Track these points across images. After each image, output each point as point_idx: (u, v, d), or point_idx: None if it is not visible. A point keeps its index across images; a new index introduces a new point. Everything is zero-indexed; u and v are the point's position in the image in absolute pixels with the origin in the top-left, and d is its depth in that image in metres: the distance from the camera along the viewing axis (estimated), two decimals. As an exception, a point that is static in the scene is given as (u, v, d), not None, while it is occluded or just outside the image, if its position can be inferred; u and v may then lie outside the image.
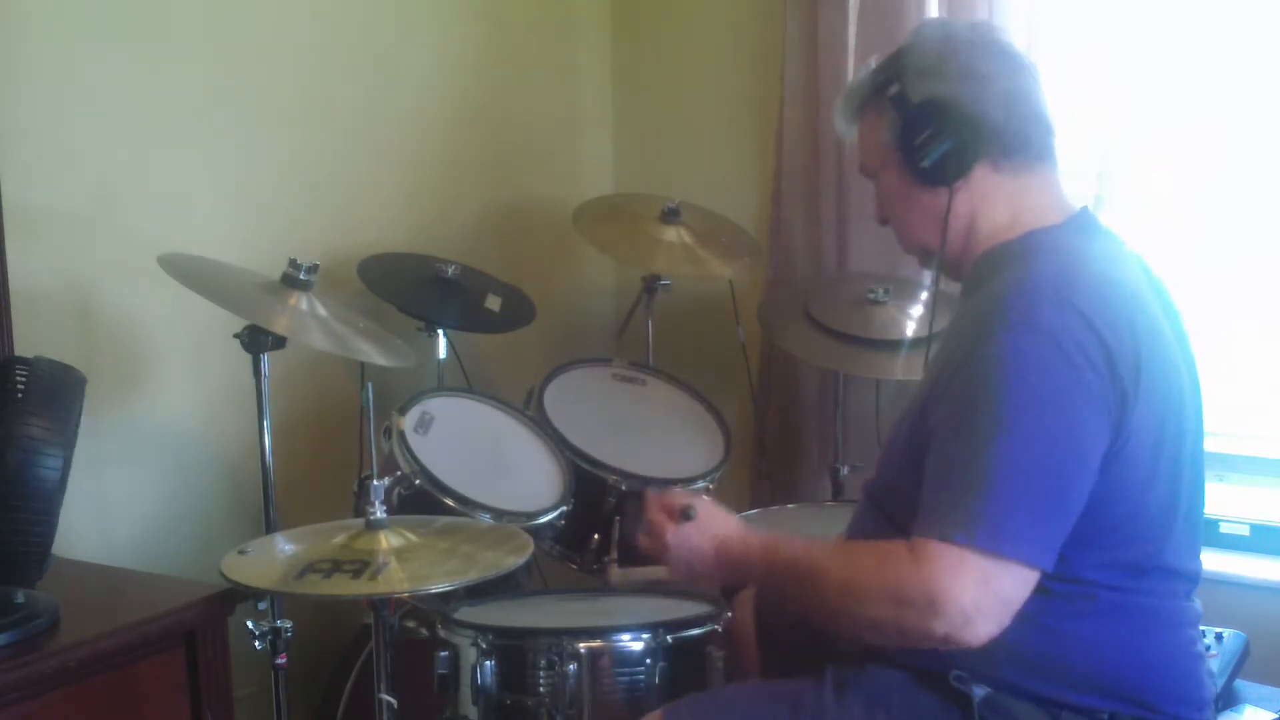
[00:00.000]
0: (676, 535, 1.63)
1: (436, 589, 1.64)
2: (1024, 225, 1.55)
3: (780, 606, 1.66)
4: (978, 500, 1.38)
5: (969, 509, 1.39)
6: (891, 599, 1.42)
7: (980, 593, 1.37)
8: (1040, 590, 1.43)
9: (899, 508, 1.51)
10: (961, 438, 1.42)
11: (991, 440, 1.39)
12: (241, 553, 1.74)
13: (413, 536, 1.74)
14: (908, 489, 1.48)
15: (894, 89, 1.59)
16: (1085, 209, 1.60)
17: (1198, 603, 1.56)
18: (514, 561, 1.70)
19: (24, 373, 1.66)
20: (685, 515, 1.63)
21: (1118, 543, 1.46)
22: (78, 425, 1.77)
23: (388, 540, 1.70)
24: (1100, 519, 1.43)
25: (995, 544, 1.37)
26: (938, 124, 1.55)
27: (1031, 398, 1.38)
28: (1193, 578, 1.55)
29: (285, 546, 1.79)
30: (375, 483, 1.74)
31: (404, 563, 1.66)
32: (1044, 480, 1.39)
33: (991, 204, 1.58)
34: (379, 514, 1.72)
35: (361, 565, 1.64)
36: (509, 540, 1.80)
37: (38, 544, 1.68)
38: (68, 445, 1.72)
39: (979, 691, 1.46)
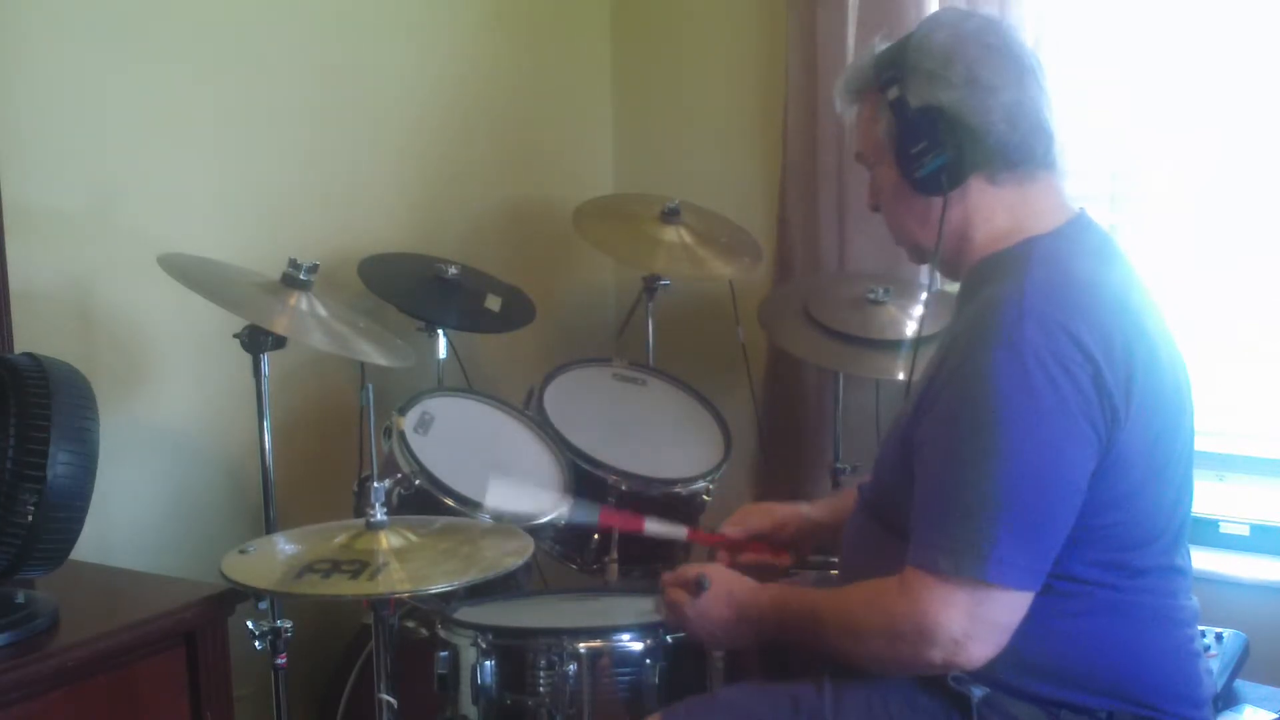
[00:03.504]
0: (695, 608, 1.65)
1: (436, 589, 1.64)
2: (1021, 233, 1.54)
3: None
4: (964, 528, 1.40)
5: (955, 537, 1.40)
6: (885, 635, 1.46)
7: (970, 620, 1.40)
8: (1040, 589, 1.43)
9: (894, 512, 1.51)
10: (948, 462, 1.43)
11: (977, 466, 1.40)
12: (242, 552, 1.74)
13: (412, 537, 1.74)
14: (902, 493, 1.49)
15: (894, 91, 1.54)
16: (1083, 211, 1.59)
17: (1195, 601, 1.56)
18: (514, 562, 1.70)
19: (36, 373, 1.66)
20: (699, 586, 1.65)
21: (1112, 545, 1.46)
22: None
23: (387, 540, 1.70)
24: (1094, 524, 1.44)
25: (982, 572, 1.39)
26: (935, 134, 1.51)
27: (1017, 422, 1.38)
28: (1187, 575, 1.55)
29: (285, 546, 1.79)
30: (375, 485, 1.74)
31: (404, 563, 1.66)
32: (1030, 505, 1.39)
33: (986, 214, 1.56)
34: (379, 516, 1.72)
35: (361, 565, 1.64)
36: (509, 540, 1.80)
37: (68, 544, 1.69)
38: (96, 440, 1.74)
39: (977, 692, 1.47)
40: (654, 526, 1.93)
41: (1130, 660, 1.48)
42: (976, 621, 1.40)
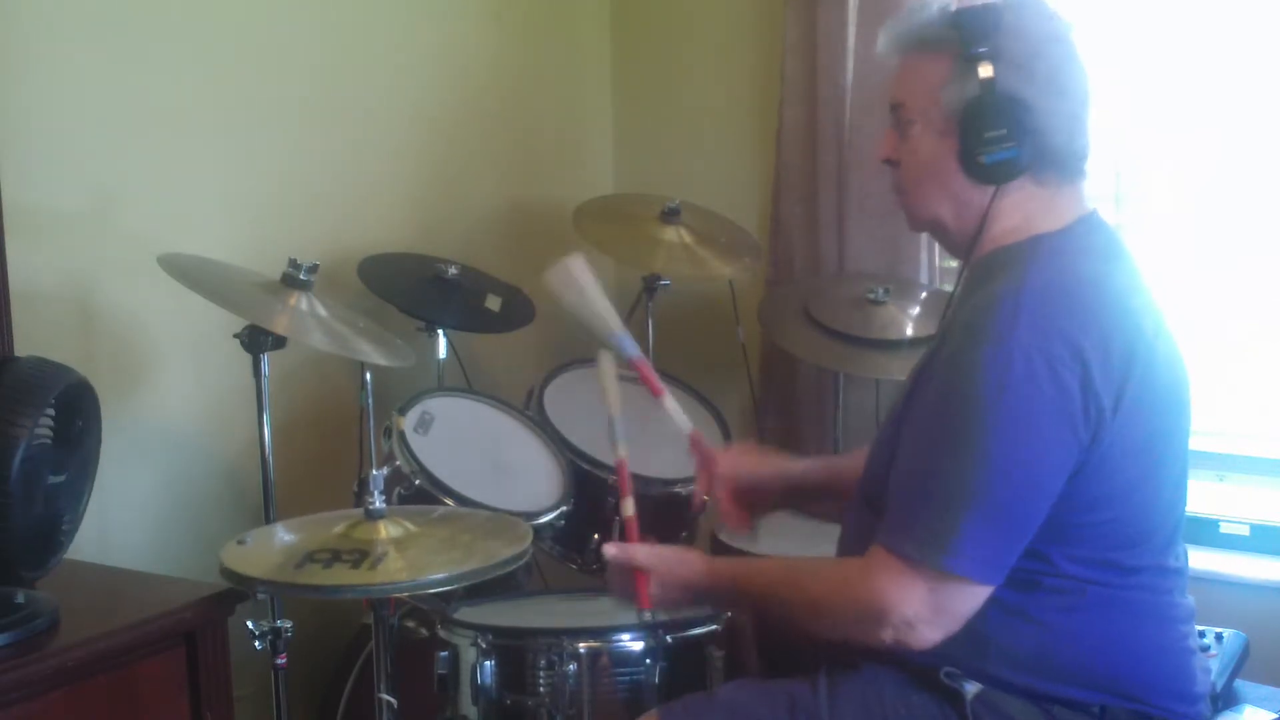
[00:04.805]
0: (651, 555, 1.62)
1: (435, 578, 1.63)
2: (1031, 229, 1.54)
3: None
4: (934, 518, 1.41)
5: (922, 524, 1.42)
6: (842, 614, 1.48)
7: (923, 605, 1.42)
8: (1030, 585, 1.45)
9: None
10: (925, 449, 1.45)
11: (952, 457, 1.41)
12: (240, 543, 1.74)
13: (411, 526, 1.74)
14: None
15: (987, 68, 1.48)
16: (1094, 212, 1.58)
17: (1190, 599, 1.56)
18: (513, 551, 1.69)
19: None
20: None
21: (1103, 543, 1.46)
22: (65, 423, 1.77)
23: (386, 530, 1.70)
24: (1083, 521, 1.44)
25: (945, 563, 1.40)
26: (1012, 126, 1.48)
27: (996, 419, 1.39)
28: (1182, 574, 1.55)
29: (284, 536, 1.79)
30: (375, 472, 1.74)
31: (403, 552, 1.66)
32: (998, 501, 1.40)
33: (1015, 209, 1.54)
34: (378, 503, 1.72)
35: (360, 555, 1.64)
36: (508, 530, 1.79)
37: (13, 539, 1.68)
38: (57, 444, 1.73)
39: (970, 688, 1.47)
40: (670, 403, 1.89)
41: (1124, 656, 1.48)
42: (931, 608, 1.42)
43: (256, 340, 2.07)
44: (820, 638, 1.54)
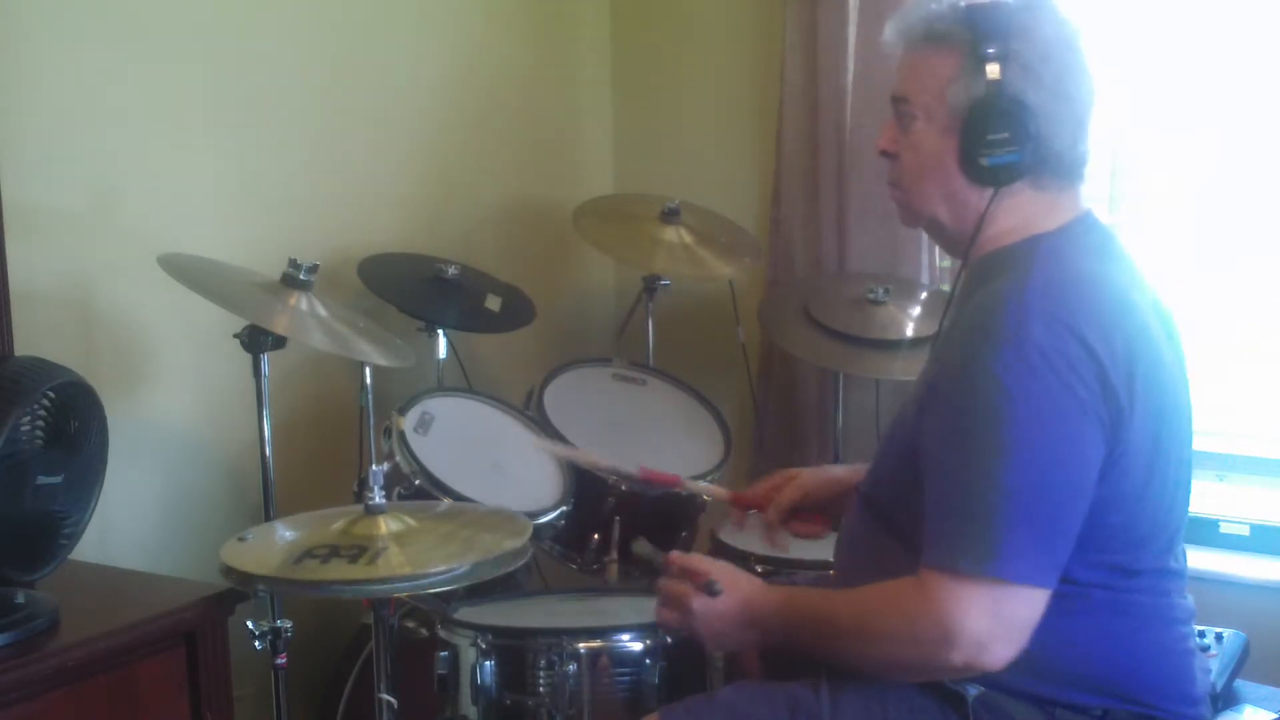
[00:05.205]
0: (703, 604, 1.60)
1: (436, 571, 1.61)
2: (1028, 230, 1.53)
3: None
4: (980, 527, 1.39)
5: (972, 536, 1.39)
6: (905, 639, 1.44)
7: (992, 620, 1.39)
8: None
9: (893, 509, 1.51)
10: (959, 461, 1.42)
11: (990, 464, 1.39)
12: (241, 540, 1.73)
13: (411, 521, 1.73)
14: (902, 489, 1.49)
15: (995, 69, 1.47)
16: (1089, 211, 1.58)
17: (1190, 599, 1.56)
18: (513, 544, 1.68)
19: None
20: (710, 589, 1.59)
21: (1112, 547, 1.46)
22: (60, 424, 1.77)
23: (386, 525, 1.70)
24: (1095, 525, 1.43)
25: (1001, 570, 1.38)
26: (1015, 130, 1.47)
27: (1027, 419, 1.38)
28: (1182, 575, 1.55)
29: (284, 533, 1.79)
30: (375, 468, 1.73)
31: (403, 547, 1.65)
32: (1044, 502, 1.39)
33: (1013, 211, 1.54)
34: (378, 498, 1.71)
35: (360, 550, 1.63)
36: (507, 524, 1.79)
37: None
38: (50, 445, 1.72)
39: (973, 690, 1.46)
40: (691, 485, 1.95)
41: (1125, 658, 1.48)
42: (998, 621, 1.39)
43: (256, 340, 2.07)
44: (869, 671, 1.50)
